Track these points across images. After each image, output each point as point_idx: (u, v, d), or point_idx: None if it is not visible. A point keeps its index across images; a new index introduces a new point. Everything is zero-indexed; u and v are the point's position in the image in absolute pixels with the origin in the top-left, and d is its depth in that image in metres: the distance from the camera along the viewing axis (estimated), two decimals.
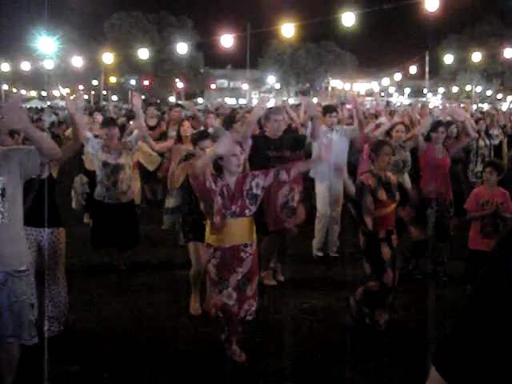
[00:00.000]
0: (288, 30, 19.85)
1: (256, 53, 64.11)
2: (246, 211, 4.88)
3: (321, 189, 8.22)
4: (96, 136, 7.96)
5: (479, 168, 9.81)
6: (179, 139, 8.40)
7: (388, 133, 8.29)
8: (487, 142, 10.65)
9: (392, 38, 61.97)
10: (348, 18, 17.60)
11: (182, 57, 47.40)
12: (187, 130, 8.33)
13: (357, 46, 61.77)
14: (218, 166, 4.90)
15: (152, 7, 59.87)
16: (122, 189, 7.48)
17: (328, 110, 8.48)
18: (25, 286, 4.05)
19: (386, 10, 16.69)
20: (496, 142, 11.41)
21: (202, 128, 10.10)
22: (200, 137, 6.15)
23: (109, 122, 7.74)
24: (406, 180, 8.33)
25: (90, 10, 51.99)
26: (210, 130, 8.53)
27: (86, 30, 55.77)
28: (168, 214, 8.38)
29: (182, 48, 27.95)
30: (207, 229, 5.04)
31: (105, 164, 7.42)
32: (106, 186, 7.45)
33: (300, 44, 62.57)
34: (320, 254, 8.34)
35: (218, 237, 4.89)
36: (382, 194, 5.69)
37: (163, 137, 10.14)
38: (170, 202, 8.27)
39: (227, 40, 22.84)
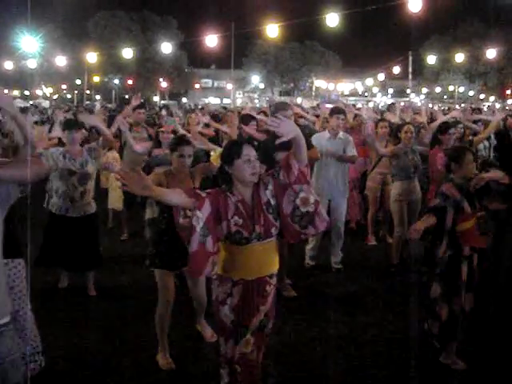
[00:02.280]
0: (272, 30, 19.94)
1: (240, 53, 64.09)
2: (273, 230, 3.83)
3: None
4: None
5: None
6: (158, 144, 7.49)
7: (396, 135, 8.05)
8: (486, 143, 10.63)
9: (375, 38, 62.21)
10: (332, 19, 17.72)
11: (165, 56, 47.35)
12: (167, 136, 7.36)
13: (341, 47, 62.07)
14: (227, 176, 3.87)
15: (136, 7, 59.61)
16: (88, 200, 6.76)
17: (336, 111, 7.97)
18: (10, 343, 3.14)
19: (369, 10, 16.76)
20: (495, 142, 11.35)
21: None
22: (179, 142, 5.27)
23: (72, 125, 6.86)
24: (417, 187, 8.02)
25: (74, 8, 51.61)
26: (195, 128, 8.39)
27: (69, 29, 55.43)
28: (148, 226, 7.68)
29: (166, 47, 27.95)
30: (220, 255, 3.92)
31: (71, 173, 6.59)
32: (70, 198, 6.59)
33: (284, 44, 62.67)
34: (312, 262, 8.01)
35: (238, 266, 3.85)
36: (467, 207, 5.07)
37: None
38: (149, 213, 7.52)
39: (211, 40, 22.92)
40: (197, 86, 67.54)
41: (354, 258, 8.29)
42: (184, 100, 60.89)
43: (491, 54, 31.75)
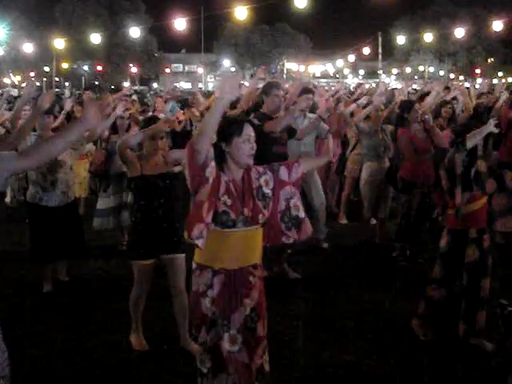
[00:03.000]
0: (241, 12, 19.90)
1: (211, 36, 63.77)
2: (260, 216, 3.61)
3: None
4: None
5: None
6: (115, 131, 7.54)
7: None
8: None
9: (345, 19, 62.47)
10: (300, 1, 17.67)
11: (135, 41, 46.96)
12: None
13: (311, 28, 62.20)
14: (222, 154, 3.62)
15: None
16: (63, 189, 6.47)
17: (305, 90, 7.71)
18: None
19: None
20: None
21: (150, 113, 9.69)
22: (149, 123, 5.13)
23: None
24: (386, 166, 7.98)
25: None
26: (161, 116, 8.31)
27: (36, 15, 54.58)
28: (103, 216, 7.61)
29: (134, 32, 27.74)
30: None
31: None
32: (42, 187, 6.38)
33: (255, 27, 62.45)
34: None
35: (219, 254, 3.60)
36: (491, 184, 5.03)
37: None
38: (106, 202, 7.59)
39: (180, 24, 22.75)
40: (167, 70, 67.09)
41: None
42: (155, 85, 60.42)
43: (460, 33, 31.95)
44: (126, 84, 60.80)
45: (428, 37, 38.77)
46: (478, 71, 64.38)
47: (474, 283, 4.96)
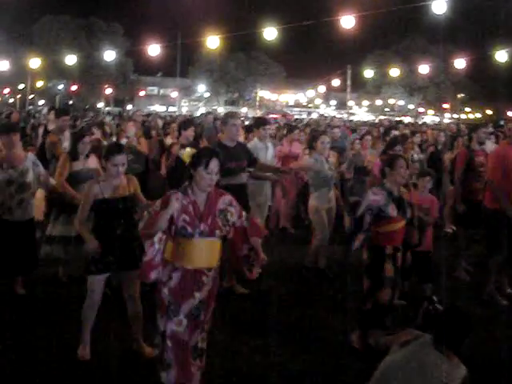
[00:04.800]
0: (213, 41, 20.28)
1: (186, 61, 64.29)
2: (217, 231, 4.43)
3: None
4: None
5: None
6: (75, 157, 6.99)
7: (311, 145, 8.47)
8: (421, 156, 11.25)
9: (317, 50, 63.32)
10: (270, 33, 18.33)
11: (111, 63, 47.22)
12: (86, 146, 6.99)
13: (285, 57, 62.86)
14: (190, 175, 4.44)
15: (82, 12, 59.23)
16: (27, 208, 6.57)
17: (262, 122, 8.58)
18: None
19: (304, 26, 17.53)
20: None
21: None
22: (111, 151, 5.30)
23: (9, 128, 6.54)
24: (333, 195, 8.50)
25: (18, 12, 51.08)
26: (123, 142, 8.55)
27: (13, 32, 54.69)
28: (52, 244, 7.02)
29: (109, 55, 28.03)
30: (168, 243, 4.52)
31: (9, 182, 6.33)
32: (7, 207, 6.40)
33: (230, 54, 63.23)
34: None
35: (180, 256, 4.41)
36: (393, 210, 5.61)
37: None
38: (57, 230, 7.04)
39: (156, 49, 22.99)
40: (142, 93, 67.43)
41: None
42: (129, 107, 60.71)
43: (424, 69, 33.04)
44: (100, 105, 61.13)
45: (396, 71, 39.86)
46: (446, 106, 65.81)
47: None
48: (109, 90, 60.43)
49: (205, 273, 4.44)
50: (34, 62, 31.93)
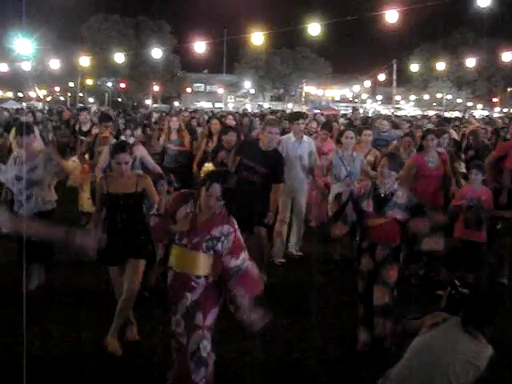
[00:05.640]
0: (258, 38, 20.50)
1: (233, 58, 64.92)
2: (200, 251, 4.40)
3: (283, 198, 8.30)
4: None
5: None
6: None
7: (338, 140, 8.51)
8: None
9: (363, 45, 63.01)
10: (314, 28, 18.46)
11: (158, 60, 47.92)
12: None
13: (331, 53, 62.87)
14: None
15: (130, 11, 60.32)
16: (37, 203, 6.69)
17: (295, 117, 8.71)
18: None
19: (349, 21, 17.62)
20: None
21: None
22: (116, 150, 5.60)
23: (24, 130, 6.74)
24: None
25: (69, 12, 52.23)
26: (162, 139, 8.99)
27: (63, 31, 56.01)
28: None
29: (156, 53, 28.52)
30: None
31: (18, 178, 6.57)
32: (18, 201, 6.64)
33: (276, 50, 63.47)
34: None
35: (171, 256, 4.56)
36: (368, 206, 5.62)
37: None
38: None
39: (202, 46, 23.28)
40: (189, 90, 68.18)
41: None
42: (176, 103, 61.49)
43: (471, 62, 32.66)
44: (148, 102, 62.10)
45: (443, 65, 39.42)
46: (495, 100, 64.66)
47: (368, 290, 5.67)
48: (156, 87, 61.33)
49: (193, 279, 4.41)
50: (84, 61, 32.82)
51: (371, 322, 5.62)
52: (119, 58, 30.33)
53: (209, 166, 8.59)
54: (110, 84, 61.33)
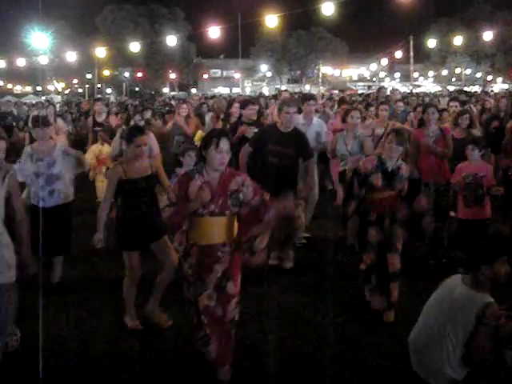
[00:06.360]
0: (272, 20, 20.47)
1: (248, 42, 64.62)
2: (227, 212, 4.49)
3: None
4: None
5: None
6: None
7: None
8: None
9: (378, 23, 62.22)
10: (328, 8, 18.36)
11: (174, 48, 47.96)
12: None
13: (346, 32, 62.31)
14: (202, 157, 4.55)
15: (143, 0, 60.33)
16: (59, 196, 6.68)
17: (306, 98, 8.67)
18: None
19: None
20: None
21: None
22: (133, 133, 5.67)
23: (40, 122, 6.72)
24: None
25: (83, 4, 52.46)
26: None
27: (78, 24, 56.31)
28: None
29: (171, 40, 28.57)
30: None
31: (37, 174, 6.53)
32: (40, 196, 6.55)
33: (291, 32, 63.15)
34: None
35: (193, 233, 4.56)
36: (377, 180, 5.77)
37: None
38: None
39: (217, 31, 23.29)
40: (205, 76, 68.18)
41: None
42: (193, 91, 61.55)
43: (489, 36, 32.25)
44: (166, 90, 62.24)
45: (460, 40, 38.92)
46: None
47: (381, 259, 5.81)
48: (173, 75, 61.42)
49: (219, 248, 4.51)
50: (100, 52, 33.02)
51: (385, 288, 5.79)
52: (135, 47, 30.46)
53: (201, 133, 8.82)
54: (127, 74, 61.59)
